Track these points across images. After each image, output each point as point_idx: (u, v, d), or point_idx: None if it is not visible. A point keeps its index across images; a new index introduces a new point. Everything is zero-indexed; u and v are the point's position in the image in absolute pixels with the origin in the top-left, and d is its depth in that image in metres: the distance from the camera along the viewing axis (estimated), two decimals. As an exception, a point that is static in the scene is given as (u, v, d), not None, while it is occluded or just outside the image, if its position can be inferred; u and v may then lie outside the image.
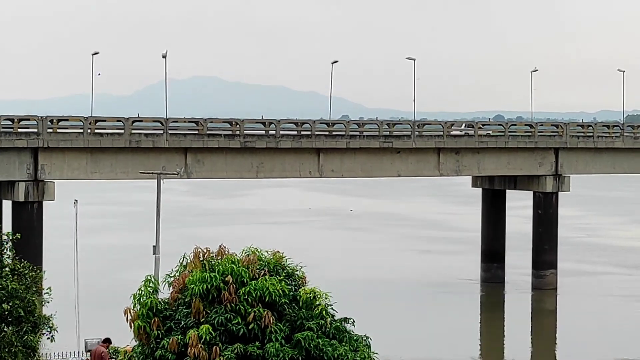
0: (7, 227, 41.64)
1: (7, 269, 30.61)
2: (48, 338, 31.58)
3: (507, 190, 72.83)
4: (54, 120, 56.60)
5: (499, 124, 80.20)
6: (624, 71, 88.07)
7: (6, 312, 29.67)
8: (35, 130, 54.51)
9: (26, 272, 31.36)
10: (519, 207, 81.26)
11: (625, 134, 73.24)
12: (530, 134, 71.25)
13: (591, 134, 72.30)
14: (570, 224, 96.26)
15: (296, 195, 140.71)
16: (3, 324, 30.36)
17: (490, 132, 71.46)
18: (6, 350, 29.61)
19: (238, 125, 59.58)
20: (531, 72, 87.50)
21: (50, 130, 54.96)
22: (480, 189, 74.63)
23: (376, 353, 23.00)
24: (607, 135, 73.75)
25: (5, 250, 31.75)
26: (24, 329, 30.34)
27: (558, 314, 61.20)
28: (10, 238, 32.59)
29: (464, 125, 78.78)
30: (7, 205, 55.30)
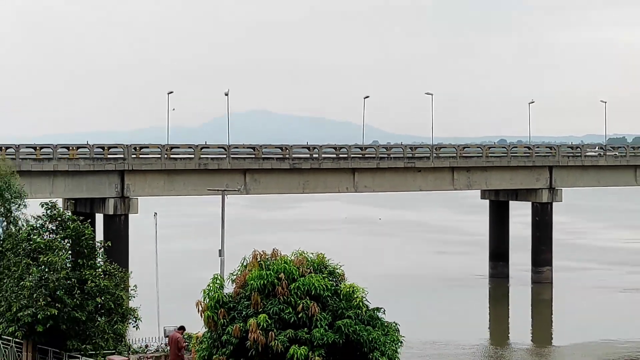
0: (99, 236, 42.61)
1: (100, 270, 30.96)
2: (134, 326, 31.79)
3: (510, 201, 73.63)
4: (137, 148, 56.60)
5: (502, 147, 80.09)
6: (605, 102, 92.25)
7: (99, 305, 29.84)
8: (122, 156, 54.40)
9: (115, 272, 31.48)
10: (520, 215, 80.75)
11: (607, 154, 75.23)
12: (528, 154, 72.25)
13: (579, 154, 74.09)
14: (563, 228, 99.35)
15: (335, 207, 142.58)
16: (97, 315, 30.38)
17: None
18: (99, 336, 29.44)
19: (287, 150, 60.76)
20: (529, 103, 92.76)
21: (134, 156, 55.35)
22: (487, 201, 76.03)
23: (403, 336, 22.41)
24: (593, 154, 75.14)
25: (98, 255, 32.02)
26: (114, 319, 30.44)
27: (553, 303, 63.53)
28: (102, 245, 32.96)
29: (597, 147, 79.46)
30: (98, 217, 56.67)
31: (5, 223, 31.88)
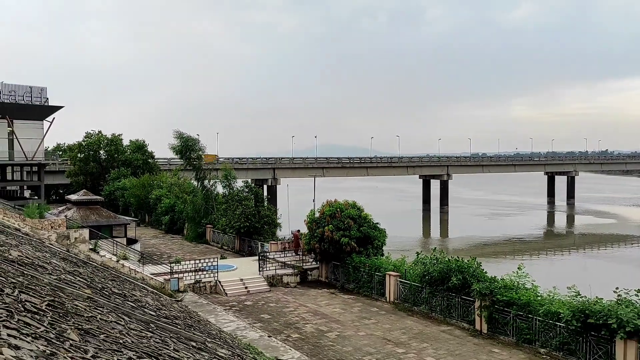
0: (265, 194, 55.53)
1: (265, 206, 41.66)
2: (279, 229, 42.28)
3: (431, 180, 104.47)
4: (279, 158, 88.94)
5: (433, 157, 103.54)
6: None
7: (265, 220, 39.48)
8: (274, 161, 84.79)
9: (271, 208, 42.83)
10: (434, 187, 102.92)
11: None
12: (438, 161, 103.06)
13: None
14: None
15: (363, 184, 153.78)
16: (264, 225, 39.03)
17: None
18: (265, 233, 38.45)
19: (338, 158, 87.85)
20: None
21: (279, 160, 78.76)
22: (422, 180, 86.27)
23: (387, 235, 34.42)
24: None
25: (264, 201, 43.07)
26: (271, 227, 40.84)
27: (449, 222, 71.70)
28: (266, 198, 45.68)
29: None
30: (265, 187, 79.29)
31: (229, 188, 42.70)
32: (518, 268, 22.90)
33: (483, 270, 23.95)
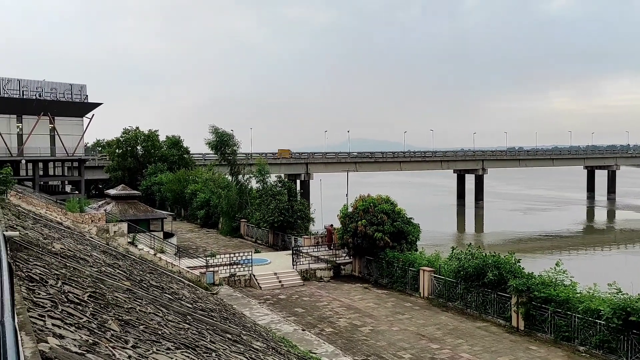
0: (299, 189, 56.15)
1: (298, 201, 41.98)
2: (312, 224, 42.31)
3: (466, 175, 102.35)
4: (312, 153, 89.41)
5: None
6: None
7: (298, 215, 39.71)
8: (307, 156, 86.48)
9: (304, 202, 43.46)
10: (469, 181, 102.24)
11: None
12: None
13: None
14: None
15: (397, 178, 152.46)
16: (297, 219, 38.99)
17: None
18: (299, 228, 38.09)
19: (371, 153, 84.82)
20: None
21: (312, 155, 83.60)
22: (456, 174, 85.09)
23: (421, 230, 33.34)
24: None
25: (297, 196, 43.14)
26: (304, 221, 41.08)
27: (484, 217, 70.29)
28: (299, 192, 45.32)
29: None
30: (298, 182, 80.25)
31: (262, 183, 42.81)
32: (556, 264, 22.40)
33: (520, 266, 23.59)
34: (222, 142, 46.50)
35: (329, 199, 50.71)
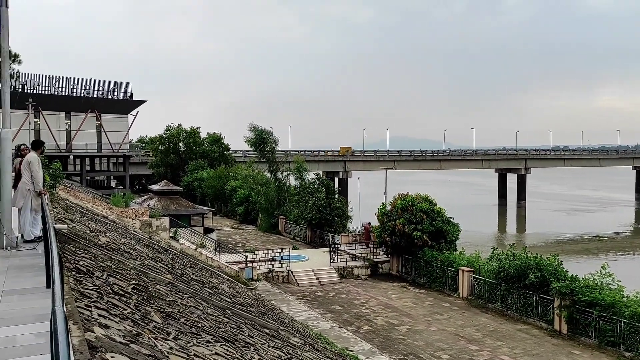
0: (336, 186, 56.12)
1: (336, 198, 42.01)
2: (350, 222, 42.36)
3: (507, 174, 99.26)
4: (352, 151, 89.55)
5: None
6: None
7: (336, 212, 40.01)
8: (344, 154, 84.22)
9: (342, 200, 42.50)
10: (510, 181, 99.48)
11: None
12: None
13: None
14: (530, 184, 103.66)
15: (436, 176, 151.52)
16: (335, 217, 39.35)
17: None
18: (336, 225, 38.11)
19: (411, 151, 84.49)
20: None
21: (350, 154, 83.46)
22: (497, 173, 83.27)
23: (461, 229, 33.26)
24: None
25: (335, 193, 43.60)
26: (341, 219, 40.87)
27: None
28: (337, 190, 46.27)
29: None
30: (335, 180, 79.30)
31: (300, 180, 43.63)
32: (602, 267, 21.77)
33: (563, 268, 23.04)
34: (261, 140, 47.03)
35: (367, 197, 50.66)
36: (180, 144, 71.18)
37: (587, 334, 20.74)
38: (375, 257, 32.91)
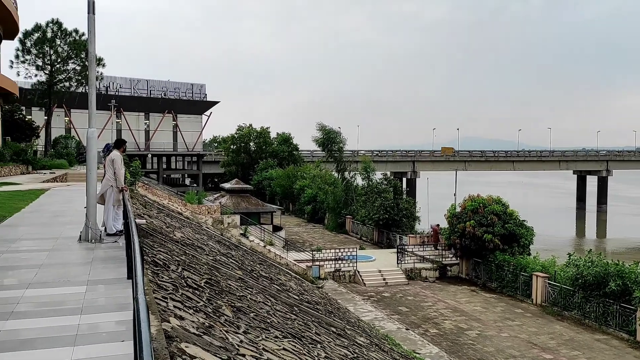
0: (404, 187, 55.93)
1: (404, 199, 41.36)
2: (418, 223, 41.77)
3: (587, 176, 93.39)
4: (419, 151, 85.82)
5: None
6: None
7: (404, 213, 39.30)
8: (414, 154, 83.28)
9: (410, 200, 42.32)
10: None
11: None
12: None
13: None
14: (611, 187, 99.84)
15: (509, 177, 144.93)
16: (403, 217, 39.34)
17: None
18: (404, 226, 39.03)
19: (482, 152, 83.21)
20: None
21: (419, 153, 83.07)
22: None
23: (535, 233, 32.06)
24: None
25: (403, 193, 42.97)
26: (410, 219, 40.59)
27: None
28: (405, 190, 45.50)
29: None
30: (404, 180, 77.20)
31: (368, 180, 43.58)
32: (692, 277, 20.33)
33: (648, 276, 21.69)
34: (329, 140, 47.33)
35: (436, 198, 49.66)
36: (251, 144, 72.90)
37: (674, 348, 19.42)
38: (443, 259, 32.29)
